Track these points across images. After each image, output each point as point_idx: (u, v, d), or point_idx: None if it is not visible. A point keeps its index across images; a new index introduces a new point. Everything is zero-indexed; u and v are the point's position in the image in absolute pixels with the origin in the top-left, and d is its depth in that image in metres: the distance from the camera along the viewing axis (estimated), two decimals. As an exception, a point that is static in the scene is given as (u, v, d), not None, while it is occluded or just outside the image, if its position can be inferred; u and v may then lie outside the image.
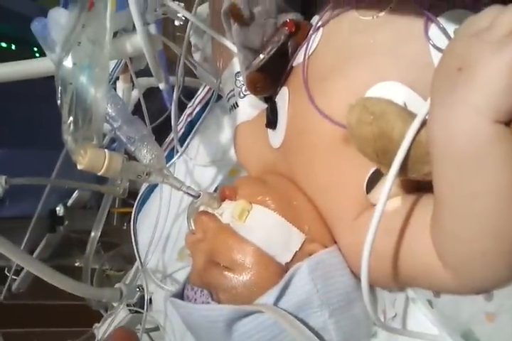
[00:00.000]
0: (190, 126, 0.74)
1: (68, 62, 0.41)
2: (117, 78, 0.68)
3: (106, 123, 0.45)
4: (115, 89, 0.71)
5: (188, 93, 0.93)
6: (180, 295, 0.50)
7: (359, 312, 0.47)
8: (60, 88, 0.39)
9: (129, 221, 1.83)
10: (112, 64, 0.64)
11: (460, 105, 0.29)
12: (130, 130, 0.44)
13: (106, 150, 0.41)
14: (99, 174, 0.42)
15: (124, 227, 1.82)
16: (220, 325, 0.43)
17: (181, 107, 0.89)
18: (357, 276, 0.46)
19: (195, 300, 0.46)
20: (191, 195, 0.47)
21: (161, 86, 0.51)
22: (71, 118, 0.39)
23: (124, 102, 0.45)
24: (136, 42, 0.47)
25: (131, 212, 1.68)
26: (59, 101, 0.39)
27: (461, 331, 0.41)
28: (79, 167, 0.41)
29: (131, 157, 0.45)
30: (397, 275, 0.41)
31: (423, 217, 0.38)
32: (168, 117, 0.79)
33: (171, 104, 0.82)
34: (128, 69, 0.62)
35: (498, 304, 0.39)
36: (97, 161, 0.41)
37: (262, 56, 0.49)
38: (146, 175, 0.44)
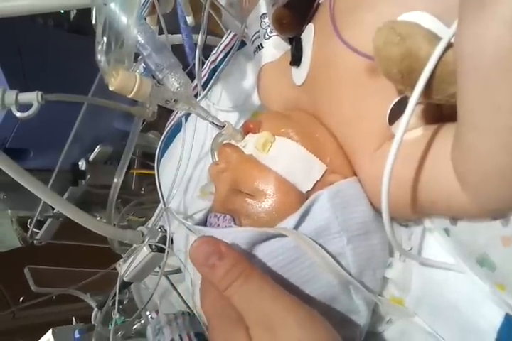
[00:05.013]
0: (213, 73, 0.75)
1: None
2: (144, 19, 0.69)
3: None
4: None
5: (209, 54, 0.93)
6: (203, 224, 0.52)
7: (376, 243, 0.48)
8: (94, 7, 0.40)
9: (148, 184, 1.85)
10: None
11: (488, 17, 0.30)
12: (159, 57, 0.45)
13: (137, 73, 0.43)
14: (129, 96, 0.43)
15: (142, 192, 1.85)
16: (243, 247, 0.44)
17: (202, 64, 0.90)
18: (376, 209, 0.47)
19: (218, 225, 0.48)
20: (216, 125, 0.49)
21: (188, 20, 0.51)
22: (104, 38, 0.40)
23: (153, 31, 0.46)
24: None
25: (150, 174, 1.70)
26: (93, 21, 0.40)
27: (477, 256, 0.42)
28: (110, 88, 0.42)
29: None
30: (416, 201, 0.42)
31: (444, 143, 0.39)
32: (191, 72, 0.80)
33: (193, 59, 0.83)
34: (155, 11, 0.63)
35: (514, 228, 0.40)
36: (127, 83, 0.42)
37: (289, -9, 0.49)
38: (174, 101, 0.46)
